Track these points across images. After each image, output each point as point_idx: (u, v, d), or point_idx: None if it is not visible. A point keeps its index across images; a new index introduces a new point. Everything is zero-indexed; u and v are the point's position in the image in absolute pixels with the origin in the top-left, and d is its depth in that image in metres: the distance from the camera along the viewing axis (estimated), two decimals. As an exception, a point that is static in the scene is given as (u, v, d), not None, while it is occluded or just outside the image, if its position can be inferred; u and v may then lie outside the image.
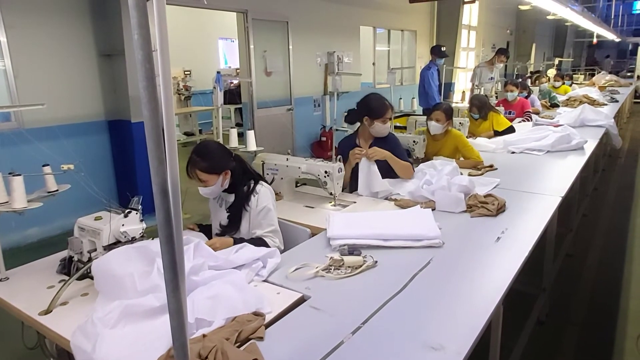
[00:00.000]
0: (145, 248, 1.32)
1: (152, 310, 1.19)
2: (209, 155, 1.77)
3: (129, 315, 1.16)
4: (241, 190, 1.85)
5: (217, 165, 1.77)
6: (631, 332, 2.45)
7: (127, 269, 1.25)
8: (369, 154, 2.38)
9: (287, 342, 1.14)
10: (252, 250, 1.55)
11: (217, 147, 1.86)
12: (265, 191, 1.87)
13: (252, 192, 1.85)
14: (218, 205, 1.94)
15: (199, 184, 1.78)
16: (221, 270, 1.40)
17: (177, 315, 0.78)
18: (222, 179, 1.79)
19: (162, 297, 1.19)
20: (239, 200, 1.84)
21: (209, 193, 1.82)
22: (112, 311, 1.15)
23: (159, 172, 0.72)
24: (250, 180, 1.88)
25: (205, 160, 1.75)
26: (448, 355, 1.08)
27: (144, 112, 0.70)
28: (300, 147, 6.24)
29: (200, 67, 8.26)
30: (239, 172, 1.85)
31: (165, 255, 0.76)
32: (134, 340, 1.10)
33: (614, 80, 10.43)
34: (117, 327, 1.13)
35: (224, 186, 1.82)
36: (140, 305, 1.19)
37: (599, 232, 4.03)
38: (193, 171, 1.75)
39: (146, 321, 1.17)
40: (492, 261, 1.61)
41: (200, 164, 1.74)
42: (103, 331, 1.10)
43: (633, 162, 6.62)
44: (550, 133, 3.52)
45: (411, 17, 8.91)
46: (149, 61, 0.69)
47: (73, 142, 3.80)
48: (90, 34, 3.91)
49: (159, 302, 1.19)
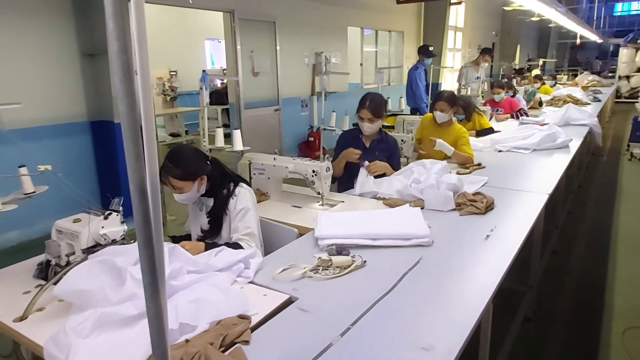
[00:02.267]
0: (109, 262, 1.25)
1: (129, 319, 1.14)
2: (182, 161, 1.69)
3: (104, 324, 1.11)
4: (220, 193, 1.80)
5: (192, 171, 1.70)
6: (616, 327, 2.47)
7: (94, 283, 1.20)
8: (370, 169, 2.41)
9: (274, 345, 1.11)
10: (231, 253, 1.50)
11: (192, 152, 1.78)
12: (245, 192, 1.82)
13: (231, 195, 1.80)
14: (198, 209, 1.88)
15: (173, 190, 1.72)
16: (202, 274, 1.36)
17: (156, 320, 0.74)
18: (197, 185, 1.73)
19: (140, 305, 1.15)
20: (218, 204, 1.79)
21: (184, 199, 1.75)
22: (86, 320, 1.10)
23: (137, 171, 0.69)
24: (230, 183, 1.83)
25: (178, 166, 1.68)
26: (439, 355, 1.06)
27: (120, 107, 0.66)
28: (288, 147, 6.21)
29: (186, 67, 8.16)
30: (216, 176, 1.79)
31: (144, 259, 0.72)
32: (110, 350, 1.05)
33: (596, 80, 10.63)
34: (91, 336, 1.08)
35: (200, 191, 1.76)
36: (116, 313, 1.14)
37: (584, 228, 4.08)
38: (166, 178, 1.68)
39: (123, 330, 1.12)
40: (482, 259, 1.60)
41: (173, 171, 1.67)
42: (77, 341, 1.05)
43: (615, 159, 6.74)
44: (536, 132, 3.55)
45: (398, 18, 8.94)
46: (125, 52, 0.65)
47: (54, 143, 3.71)
48: (73, 33, 3.82)
49: (136, 310, 1.15)
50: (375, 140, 2.63)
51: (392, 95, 6.80)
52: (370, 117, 2.51)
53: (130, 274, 1.23)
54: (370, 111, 2.50)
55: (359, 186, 2.36)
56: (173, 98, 7.68)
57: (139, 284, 1.21)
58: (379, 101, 2.57)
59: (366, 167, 2.42)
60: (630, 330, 2.42)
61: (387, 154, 2.61)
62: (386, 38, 8.91)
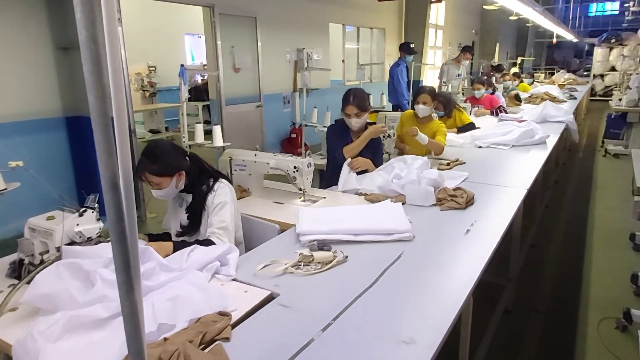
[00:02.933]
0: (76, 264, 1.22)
1: (100, 321, 1.11)
2: (159, 157, 1.66)
3: (74, 327, 1.07)
4: (199, 189, 1.77)
5: (169, 167, 1.68)
6: (592, 318, 2.54)
7: (62, 286, 1.16)
8: (353, 165, 2.44)
9: (255, 341, 1.10)
10: (205, 252, 1.45)
11: (169, 148, 1.75)
12: (223, 187, 1.80)
13: (209, 190, 1.77)
14: (178, 205, 1.86)
15: (151, 187, 1.69)
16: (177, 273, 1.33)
17: (131, 319, 0.72)
18: (176, 181, 1.70)
19: (112, 307, 1.12)
20: (197, 199, 1.77)
21: (163, 195, 1.72)
22: (55, 323, 1.06)
23: (108, 165, 0.66)
24: (209, 178, 1.81)
25: (155, 162, 1.65)
26: (419, 349, 1.07)
27: (90, 99, 0.63)
28: (270, 144, 6.17)
29: (165, 63, 8.02)
30: (194, 171, 1.77)
31: (118, 255, 0.70)
32: (80, 352, 1.02)
33: (572, 79, 10.89)
34: (61, 340, 1.04)
35: (179, 187, 1.74)
36: (86, 315, 1.10)
37: (561, 222, 4.18)
38: (143, 174, 1.65)
39: (94, 332, 1.09)
40: (462, 253, 1.62)
41: (150, 167, 1.64)
42: (45, 346, 1.01)
43: (590, 156, 6.92)
44: (514, 128, 3.62)
45: (380, 15, 8.97)
46: (94, 42, 0.63)
47: (28, 139, 3.59)
48: (46, 26, 3.70)
49: (107, 313, 1.11)
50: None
51: (374, 92, 6.82)
52: (356, 112, 2.53)
53: (100, 276, 1.19)
54: (356, 106, 2.52)
55: (342, 183, 2.37)
56: (152, 94, 7.54)
57: (110, 285, 1.18)
58: (363, 95, 2.58)
59: (349, 163, 2.43)
60: (605, 320, 2.49)
61: (372, 150, 2.62)
62: (368, 35, 8.93)
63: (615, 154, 6.61)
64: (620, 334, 2.39)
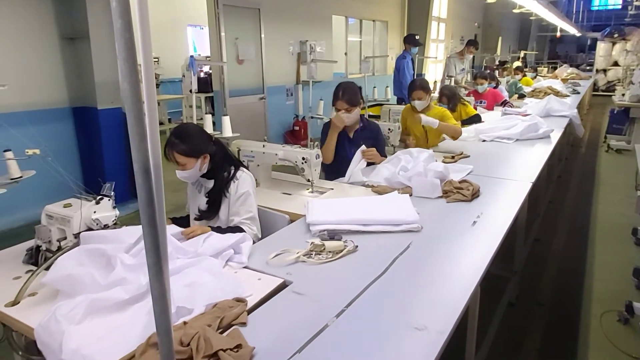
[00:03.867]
0: (97, 250, 1.25)
1: (121, 303, 1.14)
2: (188, 138, 1.72)
3: (96, 309, 1.10)
4: (221, 175, 1.81)
5: (196, 149, 1.73)
6: (595, 310, 2.57)
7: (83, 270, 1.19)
8: (366, 154, 2.42)
9: (271, 327, 1.13)
10: (220, 239, 1.49)
11: (197, 130, 1.81)
12: (246, 177, 1.84)
13: (232, 178, 1.81)
14: (197, 191, 1.89)
15: (176, 167, 1.73)
16: (193, 259, 1.36)
17: (160, 300, 0.74)
18: (200, 163, 1.75)
19: (131, 289, 1.15)
20: (218, 185, 1.80)
21: (186, 177, 1.77)
22: (77, 306, 1.09)
23: (141, 150, 0.68)
24: (231, 166, 1.85)
25: (184, 142, 1.70)
26: (431, 335, 1.09)
27: (124, 86, 0.66)
28: (273, 136, 6.18)
29: (168, 54, 8.00)
30: (219, 156, 1.81)
31: (148, 238, 0.72)
32: (103, 335, 1.05)
33: (575, 73, 10.85)
34: (83, 322, 1.07)
35: (202, 170, 1.78)
36: (107, 299, 1.13)
37: (564, 217, 4.20)
38: (171, 153, 1.70)
39: (115, 314, 1.12)
40: (469, 244, 1.64)
41: (179, 147, 1.69)
42: (69, 328, 1.04)
43: (593, 151, 6.93)
44: (518, 122, 3.62)
45: (383, 8, 8.93)
46: (129, 30, 0.65)
47: (34, 130, 3.60)
48: (52, 16, 3.70)
49: (127, 295, 1.14)
50: (358, 129, 2.63)
51: (378, 85, 6.83)
52: (347, 107, 2.49)
53: (121, 260, 1.22)
54: (346, 101, 2.48)
55: (350, 172, 2.37)
56: (155, 85, 7.53)
57: (130, 269, 1.20)
58: (353, 89, 2.53)
59: (363, 151, 2.40)
60: (607, 313, 2.53)
61: (372, 141, 2.59)
62: (370, 28, 8.90)
63: (618, 150, 6.62)
64: (623, 326, 2.42)
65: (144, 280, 1.16)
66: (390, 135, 3.08)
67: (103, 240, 1.27)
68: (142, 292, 1.16)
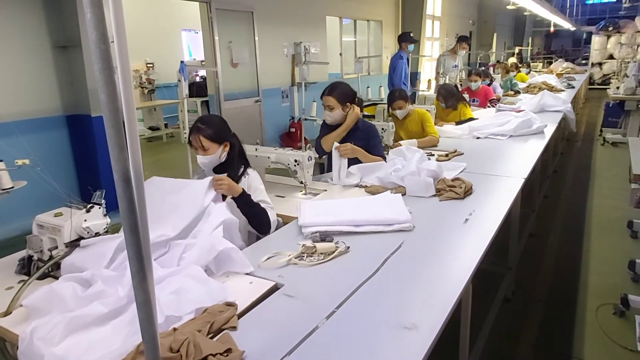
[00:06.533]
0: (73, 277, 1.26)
1: (101, 317, 1.13)
2: (213, 124, 1.86)
3: (75, 327, 1.09)
4: (234, 169, 1.89)
5: (221, 134, 1.86)
6: (590, 305, 2.58)
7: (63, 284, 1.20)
8: (340, 150, 2.36)
9: (261, 330, 1.13)
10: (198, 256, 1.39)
11: (221, 120, 1.95)
12: (256, 175, 1.96)
13: (243, 174, 1.91)
14: None
15: (199, 152, 1.84)
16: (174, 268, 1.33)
17: (145, 306, 0.75)
18: (221, 150, 1.85)
19: (110, 302, 1.15)
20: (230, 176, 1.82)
21: (207, 163, 1.86)
22: (54, 327, 1.07)
23: (120, 160, 0.69)
24: (242, 163, 1.96)
25: (210, 127, 1.83)
26: (421, 334, 1.10)
27: (101, 97, 0.66)
28: (270, 138, 6.18)
29: (163, 59, 8.01)
30: (236, 149, 1.93)
31: (130, 246, 0.73)
32: (86, 350, 1.04)
33: (570, 67, 10.88)
34: (63, 342, 1.06)
35: (221, 158, 1.87)
36: (86, 315, 1.12)
37: (559, 212, 4.22)
38: (197, 137, 1.81)
39: (95, 329, 1.11)
40: (461, 242, 1.65)
41: (205, 131, 1.82)
42: (48, 351, 1.02)
43: (589, 145, 6.95)
44: (512, 118, 3.64)
45: (377, 7, 8.95)
46: (104, 42, 0.66)
47: (28, 139, 3.60)
48: (43, 24, 3.70)
49: (107, 308, 1.13)
50: (351, 130, 2.56)
51: (372, 85, 6.84)
52: (329, 104, 2.48)
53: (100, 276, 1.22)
54: (329, 96, 2.47)
55: (337, 174, 2.36)
56: (151, 91, 7.55)
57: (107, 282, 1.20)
58: (341, 88, 2.50)
59: (336, 147, 2.36)
60: (603, 306, 2.54)
61: (363, 142, 2.51)
62: (365, 28, 8.91)
63: (614, 143, 6.63)
64: (618, 319, 2.43)
65: (122, 292, 1.16)
66: (383, 134, 3.10)
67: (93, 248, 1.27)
68: (122, 305, 1.15)
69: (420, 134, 3.29)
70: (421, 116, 3.33)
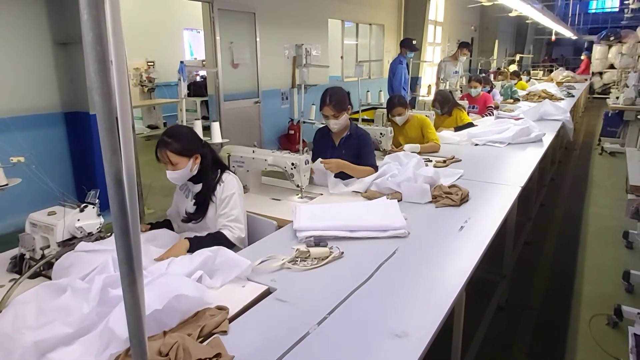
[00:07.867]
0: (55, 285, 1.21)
1: (67, 338, 1.08)
2: (180, 137, 1.75)
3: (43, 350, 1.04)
4: (210, 178, 1.83)
5: (189, 147, 1.75)
6: (584, 314, 2.58)
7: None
8: (327, 165, 2.32)
9: (252, 335, 1.13)
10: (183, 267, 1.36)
11: (189, 131, 1.84)
12: (232, 179, 1.86)
13: (218, 181, 1.83)
14: (184, 196, 1.90)
15: (168, 167, 1.75)
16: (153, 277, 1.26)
17: (134, 310, 0.74)
18: (192, 163, 1.77)
19: (73, 322, 1.09)
20: (206, 188, 1.81)
21: (177, 178, 1.78)
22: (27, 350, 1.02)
23: (113, 162, 0.69)
24: (218, 170, 1.87)
25: (177, 141, 1.73)
26: (412, 342, 1.10)
27: (96, 98, 0.66)
28: (268, 140, 6.18)
29: (164, 58, 8.00)
30: (208, 159, 1.84)
31: (121, 249, 0.73)
32: None
33: (570, 76, 10.91)
34: None
35: (192, 171, 1.79)
36: (52, 337, 1.06)
37: (556, 220, 4.22)
38: (163, 152, 1.72)
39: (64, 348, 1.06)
40: (456, 249, 1.65)
41: (171, 145, 1.72)
42: None
43: (587, 154, 6.96)
44: (511, 126, 3.65)
45: (379, 11, 8.97)
46: (100, 43, 0.65)
47: (26, 135, 3.59)
48: (44, 21, 3.70)
49: (72, 328, 1.08)
50: (344, 137, 2.52)
51: (372, 89, 6.84)
52: (333, 113, 2.42)
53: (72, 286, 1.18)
54: (333, 107, 2.41)
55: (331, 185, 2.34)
56: (151, 89, 7.53)
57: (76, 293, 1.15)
58: (340, 95, 2.45)
59: (321, 162, 2.32)
60: (596, 317, 2.53)
61: (355, 151, 2.47)
62: (367, 31, 8.93)
63: (612, 152, 6.65)
64: (611, 330, 2.43)
65: (85, 309, 1.09)
66: (382, 139, 3.10)
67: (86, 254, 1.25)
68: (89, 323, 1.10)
69: (420, 140, 3.28)
70: (421, 122, 3.33)
